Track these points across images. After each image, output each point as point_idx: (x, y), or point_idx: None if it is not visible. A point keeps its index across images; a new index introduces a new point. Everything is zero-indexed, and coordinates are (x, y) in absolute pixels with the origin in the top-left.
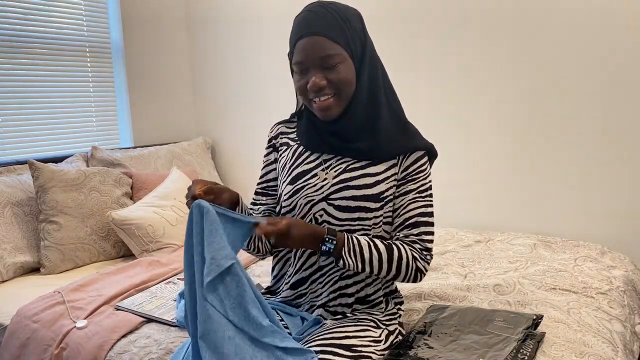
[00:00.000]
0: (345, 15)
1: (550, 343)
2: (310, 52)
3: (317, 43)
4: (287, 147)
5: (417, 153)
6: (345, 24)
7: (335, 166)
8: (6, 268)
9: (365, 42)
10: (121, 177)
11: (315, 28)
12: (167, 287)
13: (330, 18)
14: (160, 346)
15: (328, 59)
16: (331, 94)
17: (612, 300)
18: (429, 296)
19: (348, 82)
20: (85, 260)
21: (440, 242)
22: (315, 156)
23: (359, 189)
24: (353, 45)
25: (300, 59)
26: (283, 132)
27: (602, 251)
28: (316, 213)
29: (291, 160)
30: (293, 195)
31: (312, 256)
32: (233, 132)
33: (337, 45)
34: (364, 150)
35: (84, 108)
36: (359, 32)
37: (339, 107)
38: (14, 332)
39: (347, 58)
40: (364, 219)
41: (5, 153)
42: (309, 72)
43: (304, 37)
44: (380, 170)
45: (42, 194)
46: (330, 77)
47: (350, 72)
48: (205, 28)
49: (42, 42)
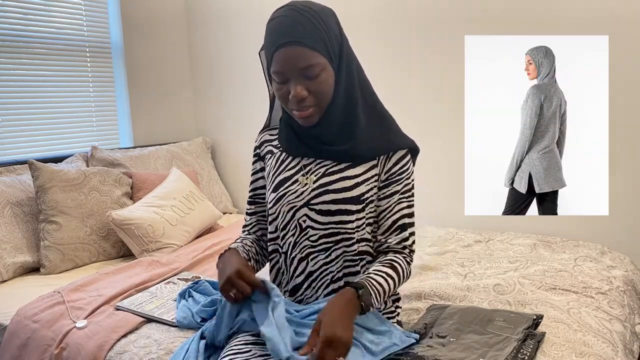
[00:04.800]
0: (322, 17)
1: (550, 343)
2: (290, 63)
3: (298, 53)
4: (272, 155)
5: (399, 153)
6: (323, 29)
7: (315, 170)
8: (6, 268)
9: (342, 43)
10: (121, 177)
11: (294, 37)
12: (167, 287)
13: (309, 24)
14: (160, 346)
15: (310, 69)
16: (312, 105)
17: (612, 300)
18: (429, 296)
19: (327, 91)
20: (85, 260)
21: (440, 242)
22: (296, 161)
23: (339, 192)
24: (332, 50)
25: (280, 70)
26: (266, 140)
27: (602, 251)
28: (299, 219)
29: (274, 168)
30: (276, 203)
31: (301, 263)
32: (233, 132)
33: (318, 54)
34: (342, 152)
35: (84, 108)
36: (336, 34)
37: (318, 114)
38: (14, 332)
39: (327, 65)
40: (346, 222)
41: (5, 153)
42: (289, 81)
43: (282, 47)
44: (360, 172)
45: (42, 194)
46: (311, 88)
47: (331, 79)
48: (205, 28)
49: (42, 42)
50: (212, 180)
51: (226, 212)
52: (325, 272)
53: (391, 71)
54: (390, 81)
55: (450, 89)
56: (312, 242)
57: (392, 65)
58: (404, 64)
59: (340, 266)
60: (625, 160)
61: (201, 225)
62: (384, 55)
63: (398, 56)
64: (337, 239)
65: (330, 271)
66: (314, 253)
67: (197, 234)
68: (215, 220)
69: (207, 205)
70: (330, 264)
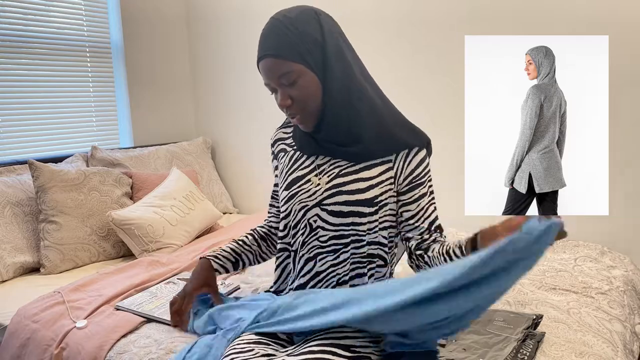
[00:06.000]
0: (295, 25)
1: (550, 343)
2: (268, 74)
3: (271, 65)
4: (285, 153)
5: (418, 154)
6: (295, 36)
7: (329, 171)
8: (6, 268)
9: (324, 46)
10: (121, 177)
11: (267, 49)
12: (167, 287)
13: (282, 35)
14: (160, 346)
15: (284, 77)
16: (297, 112)
17: (612, 300)
18: None
19: (310, 96)
20: (85, 260)
21: None
22: (310, 161)
23: (352, 194)
24: (310, 56)
25: (265, 81)
26: (280, 138)
27: (602, 251)
28: (310, 219)
29: (288, 166)
30: (288, 201)
31: (308, 262)
32: (233, 132)
33: (290, 62)
34: (355, 153)
35: (84, 108)
36: (315, 38)
37: (310, 120)
38: (14, 332)
39: (304, 71)
40: (358, 224)
41: (5, 153)
42: (276, 91)
43: (261, 61)
44: (374, 175)
45: (42, 194)
46: (292, 94)
47: (312, 84)
48: (205, 28)
49: (42, 42)
50: (212, 180)
51: (226, 212)
52: (332, 273)
53: (391, 71)
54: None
55: (450, 89)
56: (321, 243)
57: (392, 65)
58: (404, 64)
59: (347, 269)
60: (625, 160)
61: (201, 225)
62: (383, 56)
63: (398, 56)
64: (347, 241)
65: (337, 273)
66: (322, 254)
67: (197, 234)
68: (215, 220)
69: (207, 205)
70: (338, 265)
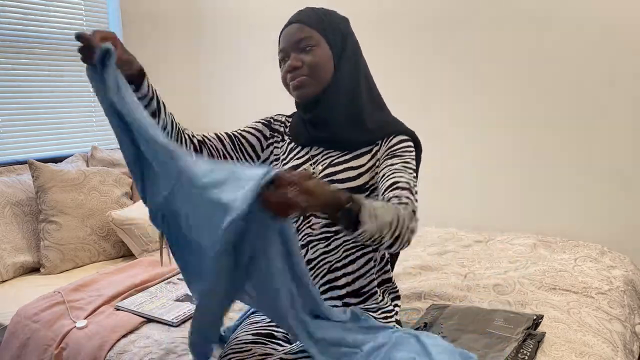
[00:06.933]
0: (330, 13)
1: (550, 343)
2: (288, 38)
3: (295, 29)
4: (282, 139)
5: (400, 136)
6: (325, 17)
7: (322, 161)
8: (6, 268)
9: (346, 38)
10: (121, 177)
11: (295, 18)
12: (167, 287)
13: (313, 12)
14: (160, 346)
15: (303, 41)
16: (305, 74)
17: (612, 300)
18: (428, 296)
19: (322, 66)
20: (85, 260)
21: (440, 242)
22: (305, 151)
23: (343, 182)
24: (331, 34)
25: (280, 47)
26: (282, 121)
27: (602, 251)
28: None
29: (284, 155)
30: None
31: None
32: None
33: (313, 30)
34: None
35: (84, 108)
36: (340, 26)
37: (312, 86)
38: (14, 332)
39: (322, 42)
40: None
41: (5, 153)
42: (289, 58)
43: (285, 28)
44: (363, 163)
45: (42, 194)
46: (305, 59)
47: (325, 56)
48: (205, 28)
49: (42, 42)
50: None
51: None
52: (323, 261)
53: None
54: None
55: (450, 88)
56: (313, 230)
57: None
58: (404, 64)
59: (339, 256)
60: (625, 160)
61: None
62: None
63: (398, 56)
64: (338, 228)
65: (328, 260)
66: (314, 241)
67: None
68: None
69: None
70: (330, 253)
